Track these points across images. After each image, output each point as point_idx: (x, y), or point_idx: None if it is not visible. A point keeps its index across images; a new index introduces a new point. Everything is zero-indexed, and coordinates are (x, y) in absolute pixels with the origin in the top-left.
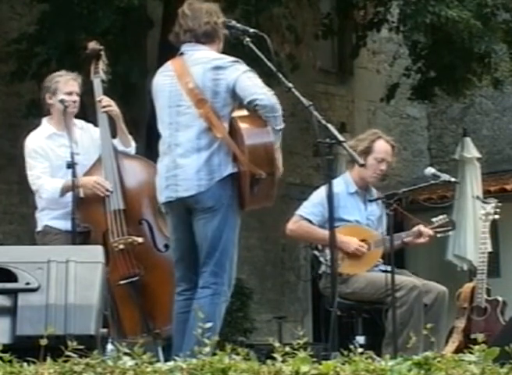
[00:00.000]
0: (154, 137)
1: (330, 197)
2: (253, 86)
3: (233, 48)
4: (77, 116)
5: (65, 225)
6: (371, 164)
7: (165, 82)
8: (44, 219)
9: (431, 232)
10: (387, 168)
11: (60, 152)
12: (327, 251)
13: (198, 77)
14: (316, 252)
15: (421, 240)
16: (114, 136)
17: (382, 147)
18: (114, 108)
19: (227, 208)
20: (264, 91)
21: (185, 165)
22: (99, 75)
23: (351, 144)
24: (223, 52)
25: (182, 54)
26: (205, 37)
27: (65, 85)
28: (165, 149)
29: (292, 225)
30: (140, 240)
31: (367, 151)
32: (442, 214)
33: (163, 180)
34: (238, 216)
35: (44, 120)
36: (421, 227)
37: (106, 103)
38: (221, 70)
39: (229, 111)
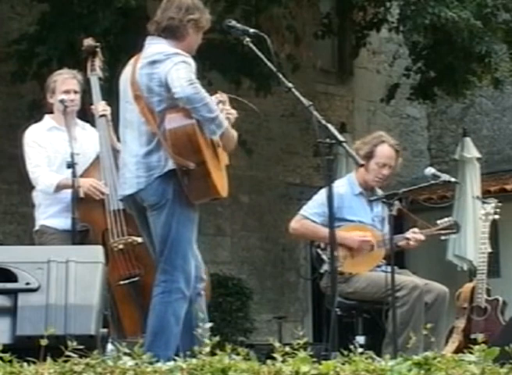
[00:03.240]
0: None
1: (330, 197)
2: (176, 79)
3: (233, 48)
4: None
5: (61, 223)
6: (373, 169)
7: (122, 77)
8: (41, 218)
9: (421, 237)
10: (390, 172)
11: (58, 147)
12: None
13: (137, 72)
14: (319, 250)
15: (411, 244)
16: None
17: (384, 152)
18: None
19: (173, 204)
20: (181, 82)
21: (128, 162)
22: (96, 72)
23: (356, 146)
24: (223, 54)
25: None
26: (166, 32)
27: (62, 84)
28: (120, 148)
29: (295, 224)
30: (139, 240)
31: (369, 156)
32: (442, 214)
33: (117, 179)
34: (190, 211)
35: (47, 116)
36: (411, 234)
37: (103, 108)
38: (157, 64)
39: (167, 106)
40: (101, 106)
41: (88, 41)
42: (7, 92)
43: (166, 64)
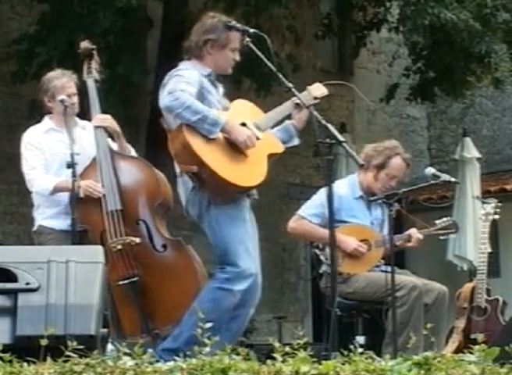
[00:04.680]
0: (154, 137)
1: (330, 197)
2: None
3: None
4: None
5: (59, 224)
6: (382, 178)
7: None
8: (39, 218)
9: (420, 236)
10: (396, 183)
11: (56, 148)
12: (328, 250)
13: None
14: (317, 251)
15: (410, 244)
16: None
17: (396, 165)
18: (110, 124)
19: (210, 208)
20: (162, 95)
21: None
22: (92, 75)
23: (368, 152)
24: None
25: None
26: (189, 54)
27: (61, 89)
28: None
29: (293, 223)
30: (137, 240)
31: (381, 166)
32: (442, 214)
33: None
34: (230, 209)
35: (46, 117)
36: (412, 232)
37: (100, 120)
38: (165, 86)
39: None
40: (96, 120)
41: (85, 44)
42: (7, 92)
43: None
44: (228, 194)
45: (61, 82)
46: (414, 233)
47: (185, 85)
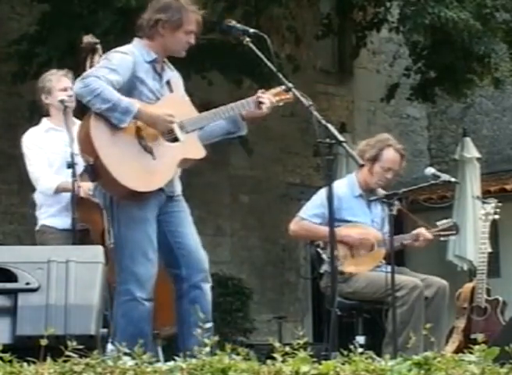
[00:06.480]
0: None
1: (330, 197)
2: None
3: (234, 48)
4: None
5: (61, 223)
6: (377, 172)
7: None
8: (42, 218)
9: (429, 236)
10: (393, 176)
11: (57, 147)
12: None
13: None
14: (319, 249)
15: (417, 243)
16: None
17: (390, 156)
18: None
19: (112, 205)
20: (77, 81)
21: None
22: None
23: (361, 148)
24: (224, 54)
25: None
26: (140, 32)
27: (58, 82)
28: None
29: (294, 226)
30: None
31: (374, 159)
32: (442, 214)
33: None
34: (133, 210)
35: (44, 119)
36: (422, 231)
37: None
38: None
39: None
40: None
41: (88, 38)
42: (7, 92)
43: None
44: (120, 194)
45: (56, 77)
46: (424, 233)
47: (105, 71)
